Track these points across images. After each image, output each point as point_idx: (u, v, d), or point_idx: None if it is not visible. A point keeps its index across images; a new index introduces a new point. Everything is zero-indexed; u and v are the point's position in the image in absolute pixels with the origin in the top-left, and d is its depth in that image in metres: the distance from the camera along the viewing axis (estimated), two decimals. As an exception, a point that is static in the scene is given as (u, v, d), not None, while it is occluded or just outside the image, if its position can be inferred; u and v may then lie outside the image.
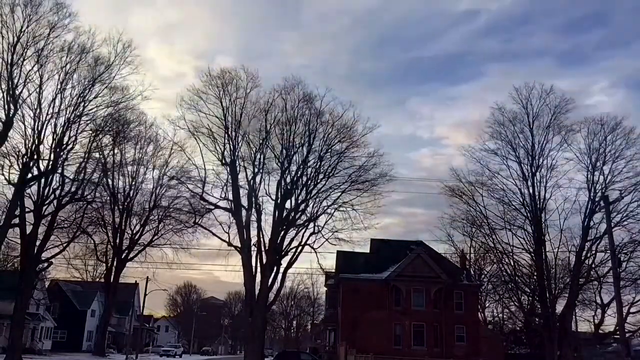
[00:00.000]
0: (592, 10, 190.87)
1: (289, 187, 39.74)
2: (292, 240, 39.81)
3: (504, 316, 57.27)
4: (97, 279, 68.90)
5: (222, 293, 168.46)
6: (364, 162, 39.81)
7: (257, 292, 37.83)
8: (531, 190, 42.51)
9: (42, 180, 35.95)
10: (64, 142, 36.03)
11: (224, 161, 38.65)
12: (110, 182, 49.02)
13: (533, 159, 42.85)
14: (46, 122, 35.14)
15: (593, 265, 41.65)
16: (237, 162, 38.95)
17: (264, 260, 38.51)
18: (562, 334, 40.95)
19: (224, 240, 38.61)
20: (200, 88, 38.36)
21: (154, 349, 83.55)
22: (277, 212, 39.21)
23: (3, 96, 33.41)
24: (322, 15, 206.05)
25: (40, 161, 35.42)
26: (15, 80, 33.43)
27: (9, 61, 33.05)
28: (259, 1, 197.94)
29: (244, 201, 38.84)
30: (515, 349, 52.68)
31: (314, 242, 39.61)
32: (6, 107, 33.44)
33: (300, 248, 39.68)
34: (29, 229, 35.19)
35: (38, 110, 34.72)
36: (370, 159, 39.66)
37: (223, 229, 39.13)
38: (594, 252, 40.91)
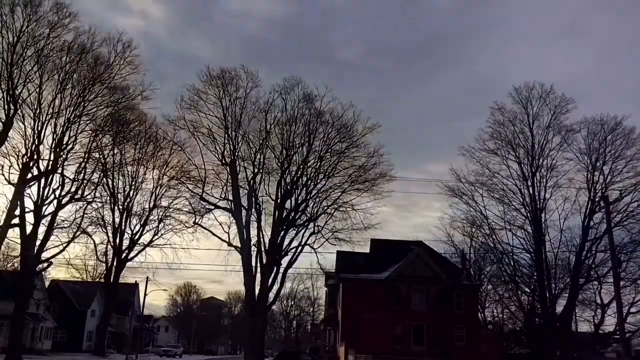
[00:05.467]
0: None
1: (289, 187, 39.70)
2: (292, 240, 39.78)
3: (504, 316, 57.31)
4: (97, 279, 68.90)
5: (222, 293, 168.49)
6: (364, 162, 39.79)
7: (257, 292, 37.80)
8: (531, 190, 42.56)
9: (42, 180, 35.94)
10: (64, 142, 36.02)
11: (224, 161, 38.58)
12: (110, 182, 49.04)
13: (533, 159, 42.90)
14: (46, 122, 35.13)
15: (593, 265, 41.70)
16: (237, 162, 38.88)
17: (264, 260, 38.45)
18: (562, 334, 40.98)
19: (224, 241, 38.56)
20: (200, 88, 38.30)
21: (153, 349, 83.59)
22: (277, 212, 39.16)
23: (3, 96, 33.43)
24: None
25: (40, 161, 35.46)
26: (15, 80, 33.41)
27: (9, 61, 33.04)
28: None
29: (244, 201, 38.79)
30: (515, 349, 52.66)
31: (314, 242, 39.56)
32: (6, 107, 33.46)
33: (300, 248, 39.64)
34: (29, 229, 35.17)
35: (38, 110, 34.71)
36: (370, 159, 39.65)
37: (223, 229, 39.05)
38: (594, 252, 41.00)
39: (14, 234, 35.68)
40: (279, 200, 39.38)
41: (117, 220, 52.16)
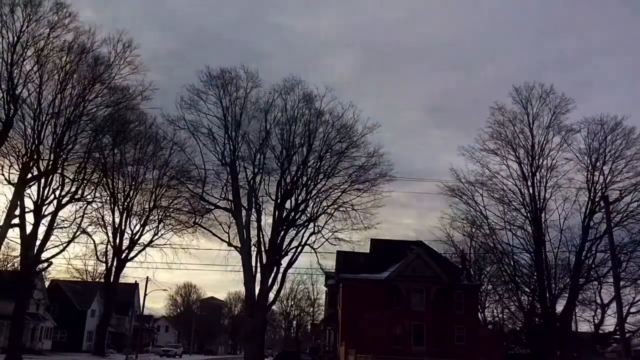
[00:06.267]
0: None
1: (289, 187, 39.69)
2: (292, 240, 39.77)
3: (504, 316, 57.36)
4: (97, 279, 68.90)
5: (222, 293, 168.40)
6: (364, 162, 39.75)
7: (257, 292, 37.80)
8: (531, 190, 42.55)
9: (42, 180, 35.92)
10: (64, 142, 35.99)
11: (224, 161, 38.58)
12: (110, 182, 48.95)
13: (533, 159, 42.89)
14: (46, 122, 35.10)
15: (593, 265, 41.69)
16: (237, 162, 38.88)
17: (264, 260, 38.46)
18: (562, 334, 40.97)
19: (224, 241, 38.57)
20: (200, 88, 38.30)
21: (153, 349, 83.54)
22: (277, 212, 39.16)
23: (3, 96, 33.40)
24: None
25: (40, 161, 35.42)
26: (15, 80, 33.40)
27: (9, 61, 33.02)
28: None
29: (244, 201, 38.77)
30: (515, 349, 52.69)
31: (314, 242, 39.54)
32: (6, 107, 33.42)
33: (300, 248, 39.63)
34: (29, 229, 35.16)
35: (38, 110, 34.70)
36: (370, 159, 39.61)
37: (223, 229, 39.07)
38: (594, 252, 40.99)
39: (14, 234, 35.73)
40: (279, 200, 39.38)
41: (117, 220, 52.19)
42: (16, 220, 34.46)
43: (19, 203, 34.36)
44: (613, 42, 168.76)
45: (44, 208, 36.19)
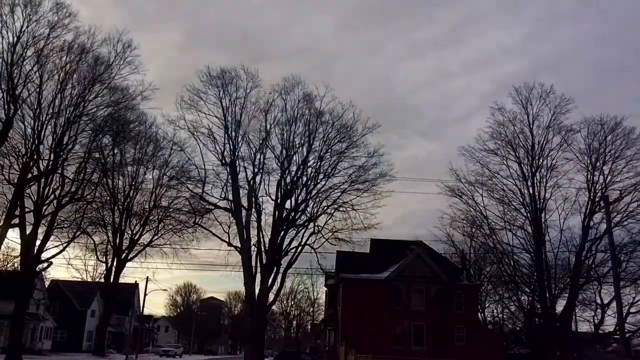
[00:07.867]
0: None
1: (289, 187, 39.72)
2: (292, 240, 39.81)
3: (504, 316, 57.31)
4: (97, 279, 68.92)
5: (222, 293, 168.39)
6: (364, 162, 39.84)
7: (257, 292, 37.82)
8: (531, 190, 42.56)
9: (42, 180, 35.94)
10: (64, 142, 36.03)
11: (224, 161, 38.62)
12: (110, 182, 48.99)
13: (533, 159, 42.90)
14: (46, 122, 35.14)
15: (593, 265, 41.71)
16: (237, 162, 38.94)
17: (264, 261, 38.48)
18: (562, 334, 40.98)
19: (224, 241, 38.60)
20: (200, 88, 38.33)
21: (154, 349, 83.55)
22: (277, 212, 39.19)
23: (3, 96, 33.44)
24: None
25: (40, 161, 35.44)
26: (15, 80, 33.41)
27: (9, 61, 33.05)
28: None
29: (244, 201, 38.81)
30: (515, 349, 52.66)
31: (314, 242, 39.60)
32: (6, 107, 33.46)
33: (300, 248, 39.66)
34: (29, 229, 35.18)
35: (38, 110, 34.72)
36: (370, 159, 39.69)
37: (223, 229, 39.12)
38: (594, 252, 41.03)
39: (14, 234, 35.78)
40: (279, 200, 39.41)
41: (117, 220, 52.17)
42: (16, 220, 34.49)
43: (19, 203, 34.38)
44: None
45: (44, 208, 36.21)
